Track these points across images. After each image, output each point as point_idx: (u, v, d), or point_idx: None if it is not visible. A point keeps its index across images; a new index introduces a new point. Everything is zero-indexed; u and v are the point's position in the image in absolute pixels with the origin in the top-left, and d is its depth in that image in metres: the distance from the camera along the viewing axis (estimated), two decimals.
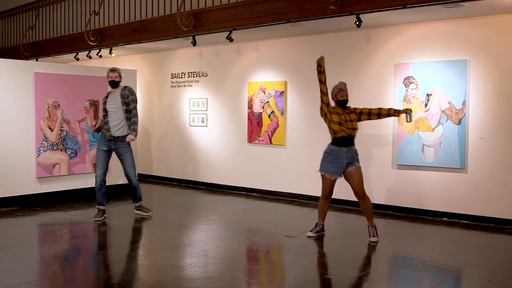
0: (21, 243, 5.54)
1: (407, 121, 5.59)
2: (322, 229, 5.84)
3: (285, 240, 5.71)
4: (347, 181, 5.66)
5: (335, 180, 5.65)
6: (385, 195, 7.28)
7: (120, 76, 6.64)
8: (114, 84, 6.61)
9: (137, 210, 6.94)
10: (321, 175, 5.66)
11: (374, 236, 5.63)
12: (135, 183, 6.77)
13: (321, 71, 5.49)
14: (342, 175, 5.64)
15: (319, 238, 5.74)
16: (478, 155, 6.49)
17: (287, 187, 8.34)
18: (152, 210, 6.97)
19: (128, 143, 6.65)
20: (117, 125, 6.54)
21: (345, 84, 5.64)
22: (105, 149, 6.62)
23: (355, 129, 5.58)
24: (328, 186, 5.63)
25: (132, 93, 6.61)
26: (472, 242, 5.78)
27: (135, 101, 6.61)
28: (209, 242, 5.67)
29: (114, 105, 6.55)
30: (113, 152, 6.71)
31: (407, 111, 5.56)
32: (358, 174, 5.59)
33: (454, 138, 6.60)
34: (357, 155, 5.66)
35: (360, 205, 5.76)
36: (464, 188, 6.62)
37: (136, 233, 6.36)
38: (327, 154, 5.62)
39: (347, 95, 5.61)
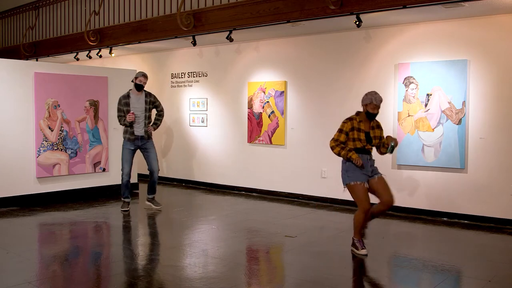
0: (21, 243, 5.55)
1: (388, 152, 5.20)
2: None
3: (285, 240, 5.71)
4: (375, 191, 5.12)
5: (368, 189, 5.07)
6: None
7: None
8: (140, 87, 7.03)
9: (149, 201, 7.36)
10: (352, 185, 5.02)
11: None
12: (156, 178, 7.22)
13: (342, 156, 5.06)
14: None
15: (319, 238, 5.74)
16: (478, 155, 6.49)
17: (287, 187, 8.34)
18: (162, 205, 7.38)
19: (152, 140, 7.22)
20: (141, 125, 7.05)
21: (381, 100, 5.08)
22: (132, 148, 7.09)
23: (373, 146, 5.19)
24: (363, 195, 4.98)
25: (156, 98, 7.30)
26: (472, 242, 5.78)
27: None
28: (209, 242, 5.67)
29: (140, 107, 7.04)
30: (138, 150, 7.20)
31: (392, 144, 5.11)
32: (386, 182, 5.13)
33: (454, 138, 6.60)
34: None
35: (380, 212, 5.24)
36: (464, 188, 6.61)
37: (136, 233, 6.35)
38: (349, 164, 5.07)
39: (378, 110, 5.10)
